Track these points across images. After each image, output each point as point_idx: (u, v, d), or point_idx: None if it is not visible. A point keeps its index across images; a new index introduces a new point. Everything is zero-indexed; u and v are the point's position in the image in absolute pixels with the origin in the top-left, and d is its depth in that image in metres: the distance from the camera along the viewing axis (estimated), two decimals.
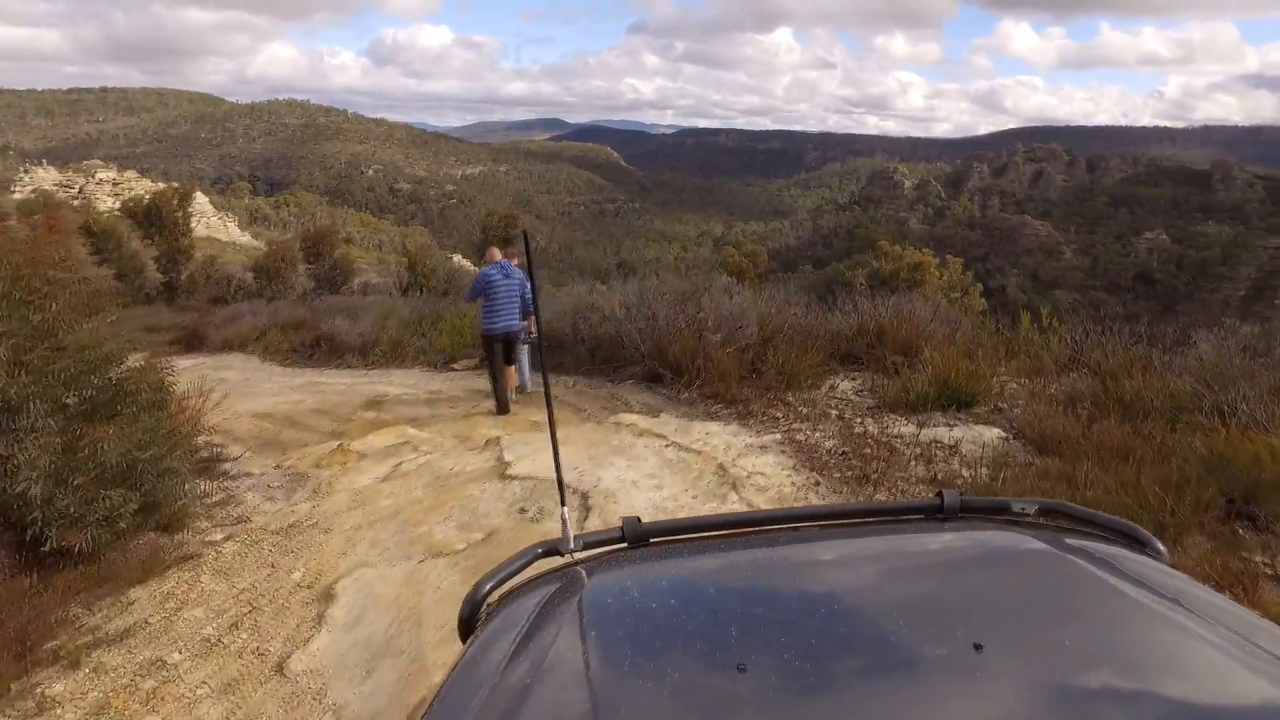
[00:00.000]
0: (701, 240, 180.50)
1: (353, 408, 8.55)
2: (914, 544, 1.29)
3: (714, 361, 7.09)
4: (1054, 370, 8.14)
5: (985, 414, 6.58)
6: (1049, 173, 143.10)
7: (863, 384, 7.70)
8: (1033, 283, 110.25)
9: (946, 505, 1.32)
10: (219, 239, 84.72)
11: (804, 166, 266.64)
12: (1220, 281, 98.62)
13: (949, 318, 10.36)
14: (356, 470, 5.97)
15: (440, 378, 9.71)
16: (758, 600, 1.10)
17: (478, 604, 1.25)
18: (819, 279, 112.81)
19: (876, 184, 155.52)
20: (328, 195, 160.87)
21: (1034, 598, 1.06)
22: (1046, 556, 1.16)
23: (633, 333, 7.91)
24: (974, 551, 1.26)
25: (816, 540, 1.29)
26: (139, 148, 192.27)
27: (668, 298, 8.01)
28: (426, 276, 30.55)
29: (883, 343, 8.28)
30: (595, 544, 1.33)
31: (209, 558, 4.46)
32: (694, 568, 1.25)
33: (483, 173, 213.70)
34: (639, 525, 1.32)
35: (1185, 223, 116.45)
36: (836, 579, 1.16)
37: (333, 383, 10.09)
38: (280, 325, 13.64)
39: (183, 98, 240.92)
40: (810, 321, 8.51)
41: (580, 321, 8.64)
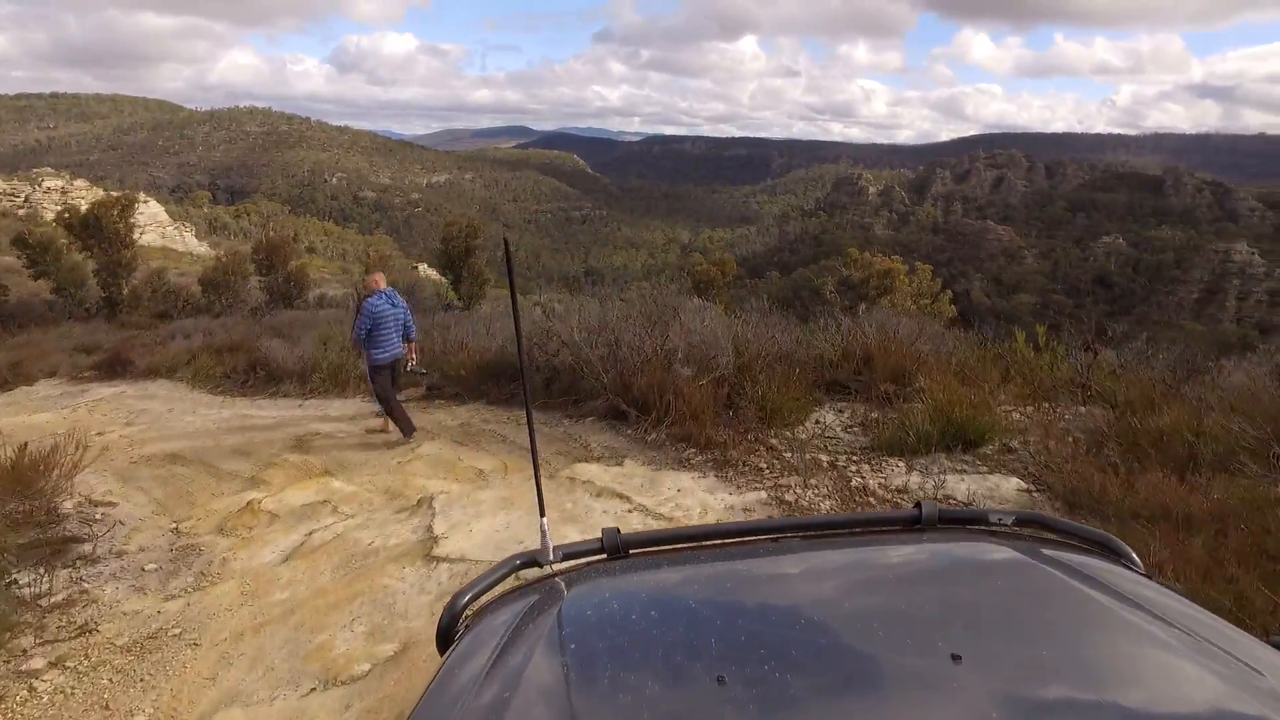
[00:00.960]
0: (669, 247, 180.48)
1: (278, 448, 7.52)
2: (893, 555, 1.27)
3: (685, 397, 6.18)
4: (1058, 396, 7.37)
5: (995, 455, 5.75)
6: (1009, 179, 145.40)
7: (852, 417, 6.85)
8: (996, 287, 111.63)
9: (925, 516, 1.32)
10: (175, 249, 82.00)
11: (770, 173, 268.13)
12: (1174, 284, 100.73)
13: (933, 334, 9.60)
14: (261, 540, 4.96)
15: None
16: (737, 612, 1.09)
17: (456, 616, 1.24)
18: (786, 285, 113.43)
19: (842, 190, 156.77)
20: (290, 204, 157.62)
21: (1012, 609, 1.06)
22: (1024, 567, 1.17)
23: (593, 362, 6.97)
24: (953, 563, 1.25)
25: (796, 551, 1.28)
26: (92, 155, 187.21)
27: (633, 321, 7.08)
28: None
29: (871, 368, 7.45)
30: (575, 555, 1.33)
31: (14, 699, 3.30)
32: (673, 579, 1.24)
33: (449, 181, 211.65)
34: (618, 536, 1.31)
35: (1140, 227, 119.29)
36: (816, 590, 1.16)
37: (263, 416, 9.02)
38: (214, 348, 12.48)
39: (139, 104, 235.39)
40: (790, 345, 7.65)
41: (535, 348, 7.69)
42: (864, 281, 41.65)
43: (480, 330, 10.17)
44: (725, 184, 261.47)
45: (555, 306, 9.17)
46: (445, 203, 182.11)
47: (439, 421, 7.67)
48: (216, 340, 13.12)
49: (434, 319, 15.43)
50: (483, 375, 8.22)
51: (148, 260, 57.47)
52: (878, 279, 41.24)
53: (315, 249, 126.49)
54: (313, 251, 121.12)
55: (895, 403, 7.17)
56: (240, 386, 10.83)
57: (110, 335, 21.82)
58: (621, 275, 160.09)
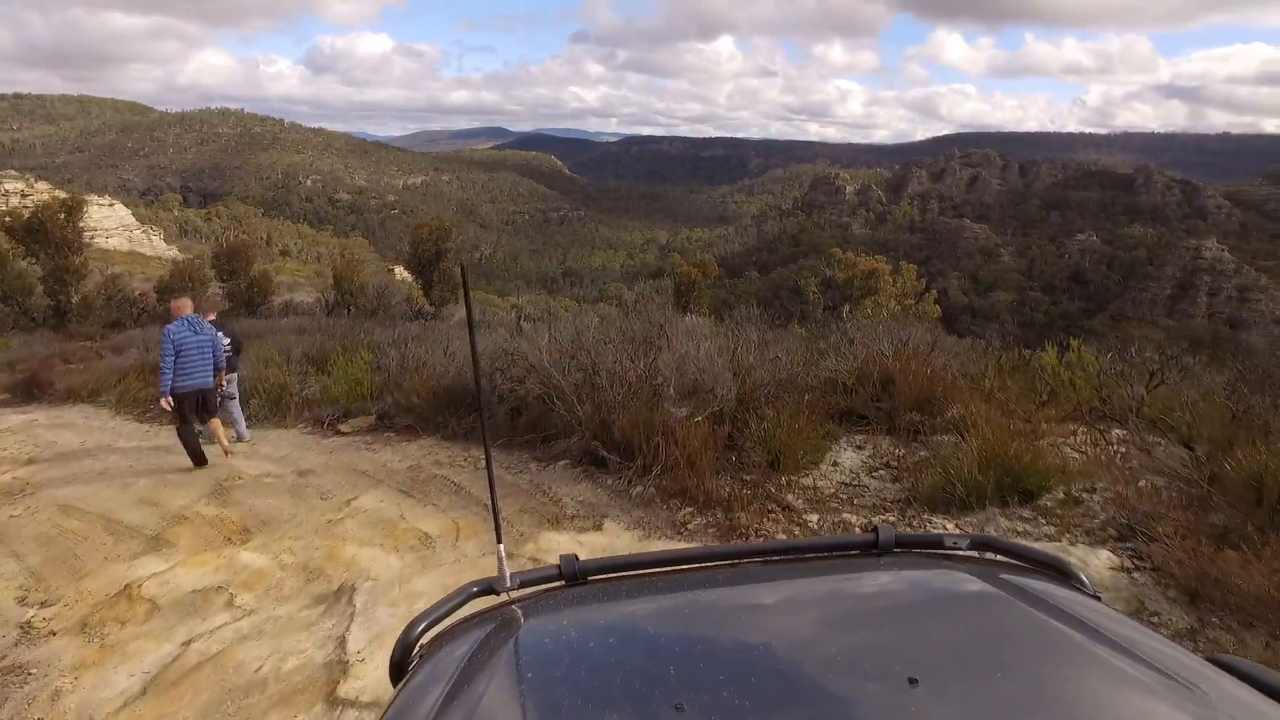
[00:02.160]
0: (647, 247, 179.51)
1: (195, 495, 6.31)
2: (851, 580, 1.28)
3: (678, 440, 5.04)
4: (1110, 421, 6.34)
5: (1062, 510, 4.68)
6: (984, 177, 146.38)
7: (875, 455, 5.76)
8: (973, 285, 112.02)
9: (882, 540, 1.32)
10: (143, 253, 79.93)
11: (747, 173, 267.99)
12: (1147, 281, 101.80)
13: (947, 346, 8.56)
14: (124, 650, 3.76)
15: (323, 445, 7.46)
16: (696, 638, 1.09)
17: (409, 646, 1.21)
18: (765, 285, 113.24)
19: (819, 190, 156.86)
20: (264, 206, 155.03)
21: (968, 633, 1.07)
22: (979, 592, 1.18)
23: (566, 391, 5.82)
24: (910, 588, 1.25)
25: (755, 577, 1.29)
26: (58, 158, 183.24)
27: (613, 344, 5.92)
28: (354, 294, 28.02)
29: (891, 394, 6.37)
30: (532, 582, 1.31)
31: None
32: (632, 606, 1.22)
33: (425, 182, 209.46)
34: (576, 563, 1.30)
35: (1112, 225, 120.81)
36: (775, 616, 1.15)
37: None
38: (147, 367, 11.14)
39: (107, 105, 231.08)
40: (795, 366, 6.54)
41: (498, 374, 6.50)
42: (848, 282, 40.87)
43: (440, 348, 8.95)
44: (703, 184, 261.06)
45: (523, 323, 7.99)
46: (422, 204, 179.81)
47: (384, 463, 6.47)
48: (151, 358, 11.77)
49: (396, 330, 14.19)
50: (439, 404, 7.03)
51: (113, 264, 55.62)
52: (862, 280, 40.43)
53: (290, 252, 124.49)
54: (287, 255, 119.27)
55: (923, 435, 6.10)
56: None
57: (50, 347, 20.28)
58: (600, 276, 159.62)
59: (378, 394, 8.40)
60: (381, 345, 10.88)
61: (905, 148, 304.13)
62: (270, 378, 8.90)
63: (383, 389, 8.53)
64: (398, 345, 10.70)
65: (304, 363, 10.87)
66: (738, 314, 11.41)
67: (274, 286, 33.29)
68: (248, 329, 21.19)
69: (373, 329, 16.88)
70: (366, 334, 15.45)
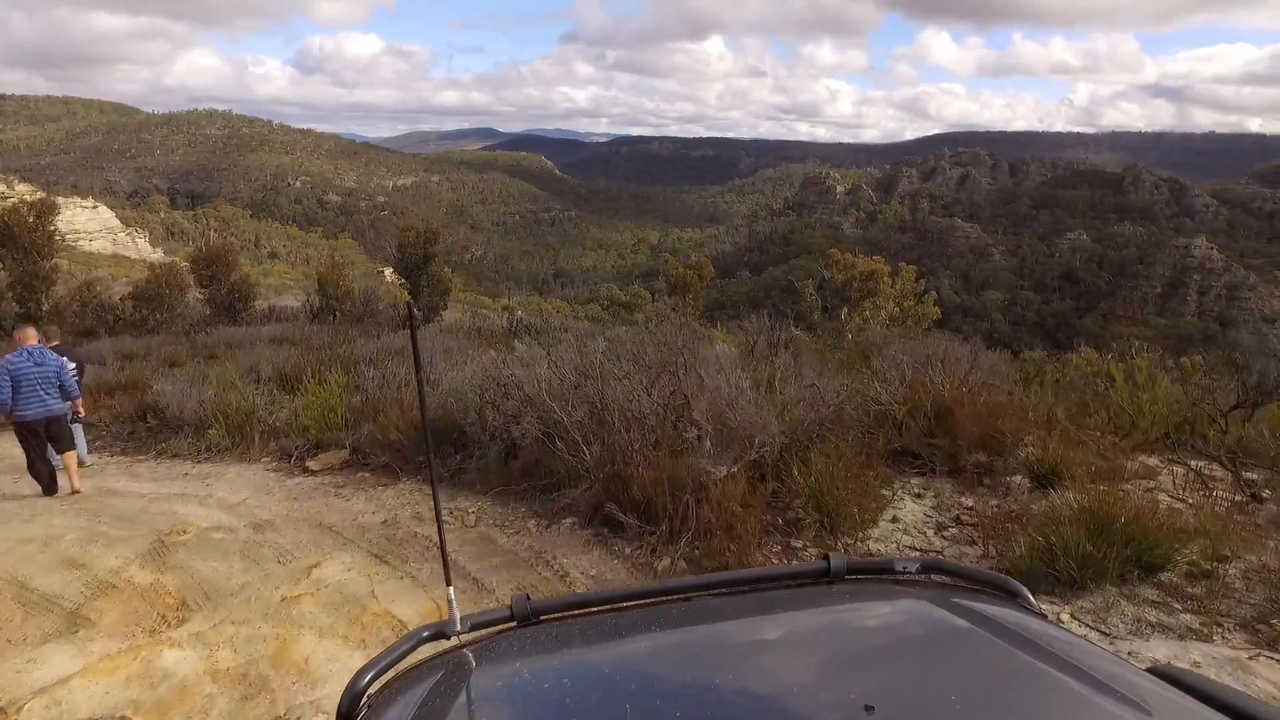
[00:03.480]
0: (638, 248, 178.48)
1: (129, 555, 5.31)
2: (805, 609, 1.28)
3: (712, 500, 4.08)
4: (1190, 452, 5.42)
5: (1197, 588, 3.75)
6: (974, 176, 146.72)
7: (940, 506, 4.83)
8: (965, 284, 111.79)
9: (834, 568, 1.31)
10: (128, 256, 78.46)
11: (738, 173, 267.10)
12: (1138, 279, 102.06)
13: (984, 364, 7.65)
14: None
15: (287, 487, 6.44)
16: (652, 675, 1.08)
17: (357, 696, 1.15)
18: (757, 285, 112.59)
19: (810, 189, 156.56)
20: (253, 208, 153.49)
21: (919, 656, 1.09)
22: (931, 615, 1.19)
23: (571, 432, 4.85)
24: (864, 615, 1.25)
25: (710, 611, 1.28)
26: (43, 159, 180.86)
27: (627, 373, 4.94)
28: (340, 299, 26.95)
29: (949, 428, 5.43)
30: (483, 625, 1.28)
31: None
32: (586, 645, 1.21)
33: (415, 183, 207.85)
34: (528, 603, 1.27)
35: (1102, 223, 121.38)
36: (731, 648, 1.15)
37: (131, 491, 6.76)
38: (102, 387, 10.08)
39: (93, 107, 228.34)
40: (835, 396, 5.59)
41: (488, 408, 5.52)
42: (847, 284, 40.04)
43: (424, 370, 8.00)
44: (693, 184, 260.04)
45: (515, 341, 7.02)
46: (412, 205, 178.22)
47: (356, 516, 5.48)
48: (106, 376, 10.69)
49: (379, 341, 13.18)
50: (422, 439, 6.07)
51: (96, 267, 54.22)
52: (861, 281, 39.60)
53: (278, 254, 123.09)
54: (276, 257, 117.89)
55: (991, 477, 5.16)
56: (124, 440, 8.52)
57: None
58: (591, 276, 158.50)
59: (354, 420, 7.41)
60: (359, 362, 9.89)
61: (895, 147, 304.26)
62: (232, 403, 7.88)
63: (360, 414, 7.54)
64: (377, 362, 9.72)
65: (274, 382, 9.86)
66: (749, 324, 10.46)
67: (258, 291, 32.16)
68: (227, 338, 20.17)
69: (355, 338, 15.87)
70: (347, 344, 14.45)
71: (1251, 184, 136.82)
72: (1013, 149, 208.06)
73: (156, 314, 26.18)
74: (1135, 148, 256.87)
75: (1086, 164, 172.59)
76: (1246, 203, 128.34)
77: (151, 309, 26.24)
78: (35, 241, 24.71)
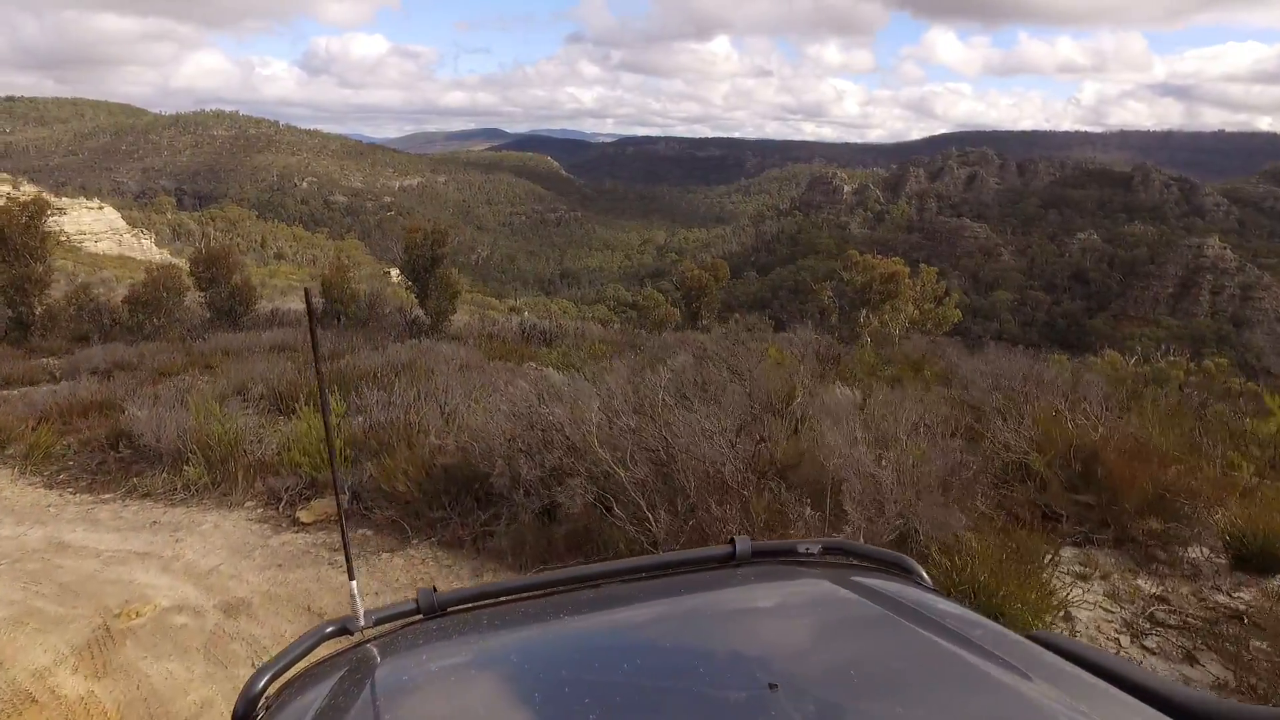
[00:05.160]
0: (644, 248, 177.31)
1: (63, 649, 4.27)
2: (711, 592, 1.28)
3: None
4: None
5: None
6: (982, 176, 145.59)
7: (1114, 594, 3.77)
8: (974, 284, 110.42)
9: (739, 552, 1.32)
10: (133, 257, 77.69)
11: (744, 173, 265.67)
12: (1149, 279, 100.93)
13: (1093, 387, 6.57)
14: None
15: (271, 547, 5.38)
16: (561, 662, 1.08)
17: (254, 700, 1.11)
18: (764, 286, 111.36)
19: (816, 189, 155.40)
20: (259, 209, 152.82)
21: (821, 633, 1.13)
22: (831, 593, 1.22)
23: (631, 493, 3.78)
24: (768, 595, 1.27)
25: (617, 597, 1.27)
26: (52, 160, 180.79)
27: (697, 424, 3.85)
28: (345, 302, 25.95)
29: (1097, 480, 4.34)
30: (388, 619, 1.24)
31: None
32: (494, 635, 1.19)
33: (421, 184, 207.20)
34: (434, 594, 1.25)
35: (1111, 223, 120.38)
36: (638, 634, 1.16)
37: (88, 546, 5.68)
38: (71, 409, 9.03)
39: (100, 108, 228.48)
40: (951, 442, 4.49)
41: (520, 456, 4.46)
42: (866, 286, 38.90)
43: (436, 401, 6.81)
44: (699, 184, 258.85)
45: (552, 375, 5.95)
46: (418, 206, 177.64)
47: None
48: (81, 393, 9.63)
49: (384, 354, 12.10)
50: (436, 489, 4.99)
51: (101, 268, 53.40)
52: (881, 283, 38.44)
53: (285, 255, 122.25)
54: (282, 258, 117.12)
55: (1166, 549, 4.08)
56: (91, 472, 7.47)
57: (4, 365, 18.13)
58: (597, 277, 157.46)
59: (354, 456, 6.37)
60: (362, 379, 8.84)
61: (901, 147, 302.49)
62: (214, 433, 6.83)
63: (362, 446, 6.50)
64: (381, 380, 8.68)
65: (266, 401, 8.82)
66: (795, 335, 9.42)
67: (262, 293, 31.16)
68: (225, 344, 19.15)
69: (358, 346, 14.85)
70: (350, 353, 13.41)
71: (1263, 183, 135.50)
72: (1020, 148, 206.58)
73: (153, 319, 25.21)
74: (1144, 147, 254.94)
75: (1095, 163, 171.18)
76: (1258, 202, 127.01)
77: (148, 313, 25.27)
78: (27, 243, 23.70)
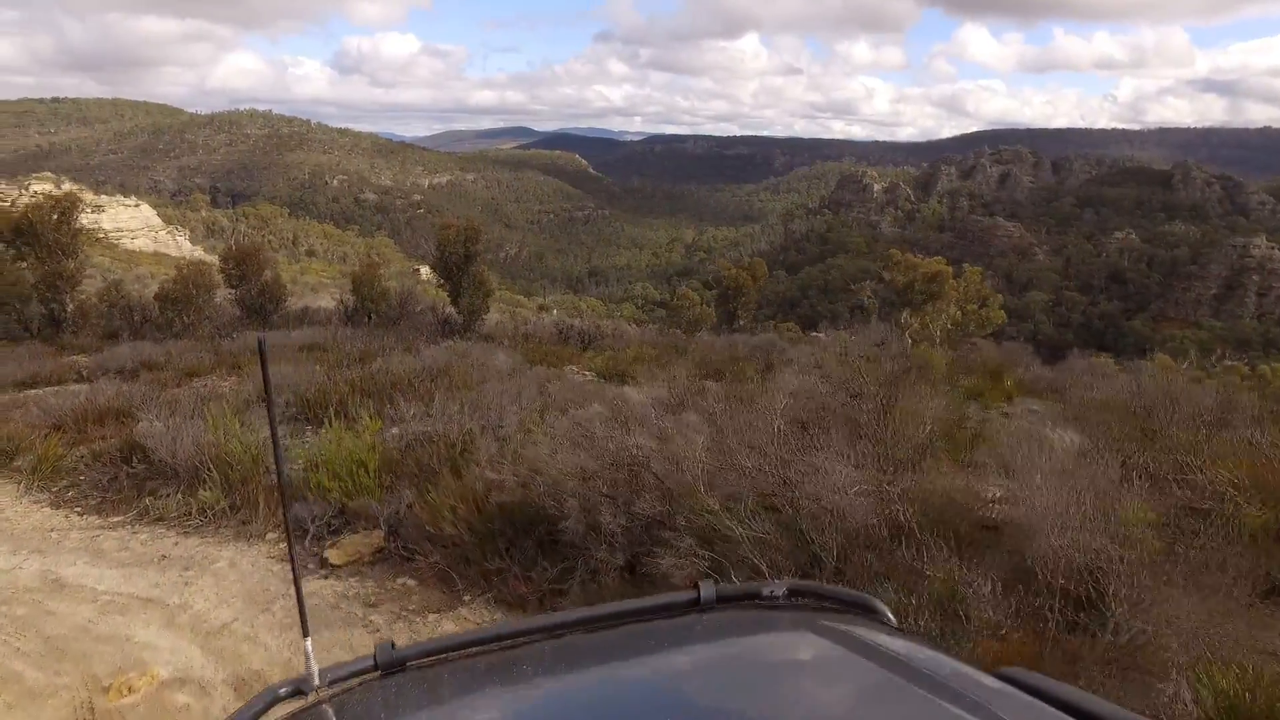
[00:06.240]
0: (672, 246, 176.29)
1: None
2: (677, 638, 1.28)
3: None
4: None
5: None
6: (1015, 174, 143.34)
7: None
8: (1007, 284, 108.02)
9: (703, 597, 1.33)
10: (168, 254, 78.40)
11: (772, 171, 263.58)
12: (1191, 280, 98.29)
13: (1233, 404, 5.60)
14: None
15: (294, 595, 4.64)
16: (524, 715, 1.08)
17: None
18: (794, 285, 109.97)
19: (846, 188, 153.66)
20: (291, 206, 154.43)
21: (789, 678, 1.12)
22: (796, 638, 1.23)
23: (749, 555, 2.92)
24: (734, 641, 1.28)
25: (583, 649, 1.27)
26: (93, 159, 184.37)
27: (840, 471, 2.96)
28: (375, 300, 25.41)
29: None
30: (344, 677, 1.20)
31: None
32: (454, 691, 1.17)
33: (450, 182, 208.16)
34: (392, 650, 1.21)
35: (1150, 222, 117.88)
36: (605, 685, 1.15)
37: (86, 586, 4.91)
38: (86, 415, 8.35)
39: (140, 108, 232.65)
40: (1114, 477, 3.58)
41: (601, 502, 3.59)
42: (908, 286, 37.84)
43: (479, 413, 5.95)
44: (728, 183, 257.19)
45: (630, 394, 5.07)
46: (447, 204, 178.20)
47: None
48: (99, 401, 8.94)
49: (419, 357, 11.35)
50: (491, 532, 4.16)
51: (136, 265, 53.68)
52: (924, 283, 37.34)
53: (315, 252, 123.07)
54: (313, 255, 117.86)
55: None
56: (102, 489, 6.77)
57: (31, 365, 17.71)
58: (625, 275, 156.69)
59: (390, 479, 5.58)
60: (396, 387, 8.09)
61: (932, 145, 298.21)
62: (232, 451, 6.08)
63: (398, 468, 5.72)
64: (417, 389, 7.91)
65: (294, 409, 8.09)
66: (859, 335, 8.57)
67: (292, 291, 30.75)
68: (254, 344, 18.58)
69: (390, 347, 14.17)
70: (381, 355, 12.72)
71: None
72: (1054, 146, 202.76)
73: (183, 316, 24.82)
74: (1184, 144, 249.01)
75: (1133, 161, 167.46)
76: None
77: (178, 311, 24.89)
78: (59, 239, 23.41)
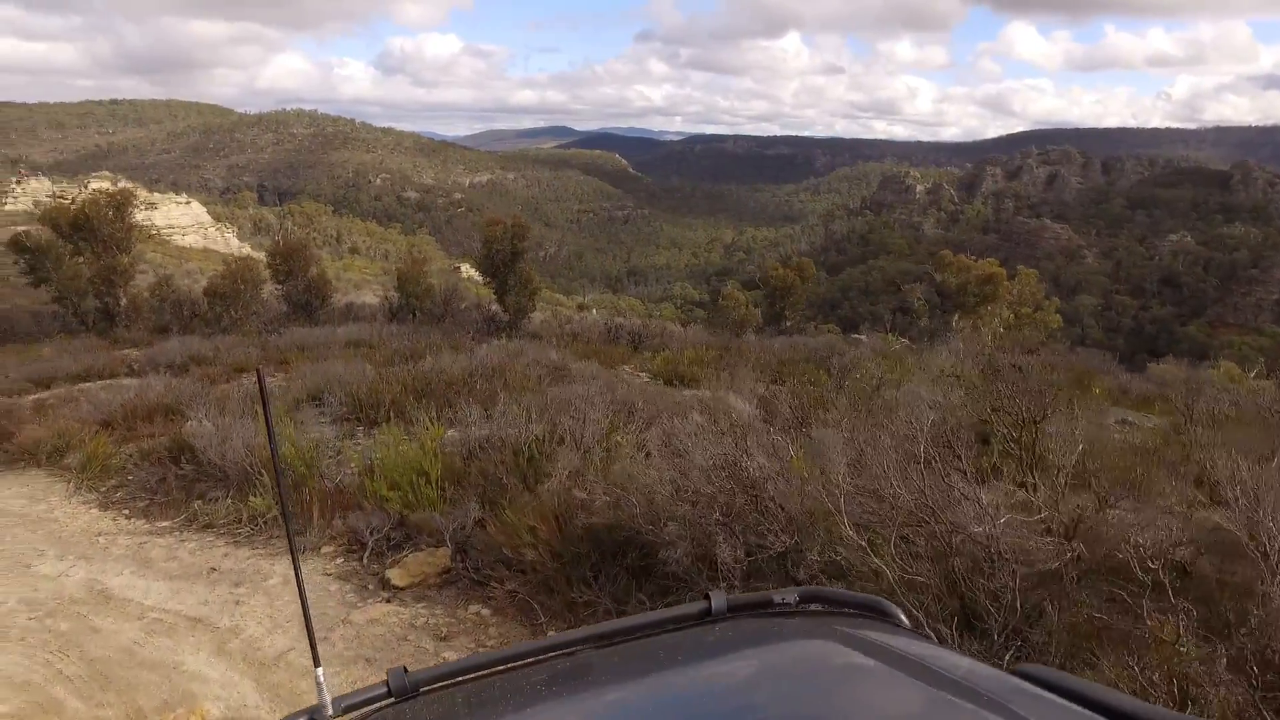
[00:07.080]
0: (712, 246, 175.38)
1: None
2: (691, 650, 1.28)
3: None
4: None
5: None
6: (1063, 175, 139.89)
7: None
8: (1055, 287, 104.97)
9: (714, 607, 1.33)
10: (217, 250, 79.98)
11: (813, 171, 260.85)
12: (1251, 285, 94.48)
13: None
14: None
15: (355, 625, 4.12)
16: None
17: None
18: (834, 286, 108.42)
19: (888, 189, 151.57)
20: (335, 204, 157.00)
21: (806, 685, 1.12)
22: (810, 644, 1.24)
23: (900, 597, 2.41)
24: (748, 650, 1.28)
25: (598, 666, 1.26)
26: (148, 158, 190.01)
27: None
28: (420, 297, 25.27)
29: None
30: (357, 705, 1.19)
31: None
32: (471, 716, 1.16)
33: (491, 180, 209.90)
34: (405, 675, 1.20)
35: (1206, 225, 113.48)
36: (623, 701, 1.15)
37: (133, 600, 4.56)
38: (135, 412, 8.06)
39: (192, 109, 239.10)
40: None
41: (720, 528, 3.07)
42: (961, 288, 36.85)
43: (551, 414, 5.45)
44: (767, 183, 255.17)
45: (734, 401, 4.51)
46: (488, 202, 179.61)
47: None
48: (149, 397, 8.65)
49: (472, 357, 10.93)
50: (577, 556, 3.65)
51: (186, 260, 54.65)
52: (977, 285, 36.31)
53: (358, 249, 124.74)
54: (356, 252, 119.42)
55: None
56: (151, 490, 6.44)
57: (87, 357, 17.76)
58: (664, 275, 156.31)
59: (453, 489, 5.12)
60: (448, 391, 7.65)
61: (976, 145, 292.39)
62: (283, 455, 5.70)
63: (462, 479, 5.26)
64: (474, 390, 7.47)
65: (345, 409, 7.70)
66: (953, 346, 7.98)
67: (336, 287, 30.82)
68: (301, 339, 18.48)
69: (438, 344, 13.84)
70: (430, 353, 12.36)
71: None
72: (1104, 146, 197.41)
73: (230, 311, 24.92)
74: (1243, 143, 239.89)
75: (1188, 161, 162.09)
76: None
77: (226, 305, 24.99)
78: (114, 234, 23.65)
